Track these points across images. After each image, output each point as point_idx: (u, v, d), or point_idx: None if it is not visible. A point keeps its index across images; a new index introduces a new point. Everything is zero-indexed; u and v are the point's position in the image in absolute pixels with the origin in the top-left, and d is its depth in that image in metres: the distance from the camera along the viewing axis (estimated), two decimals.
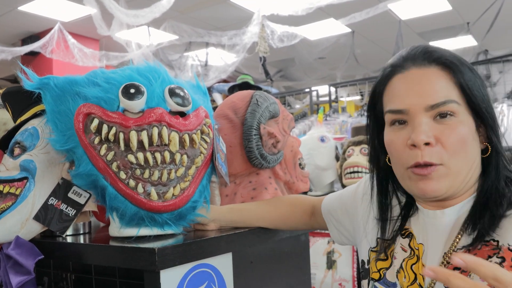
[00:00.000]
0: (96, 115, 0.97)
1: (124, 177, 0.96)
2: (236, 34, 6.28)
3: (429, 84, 0.80)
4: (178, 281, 0.92)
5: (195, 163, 1.03)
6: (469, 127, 0.80)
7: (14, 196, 1.02)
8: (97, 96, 0.98)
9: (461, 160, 0.79)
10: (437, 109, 0.79)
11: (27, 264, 0.98)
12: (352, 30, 7.33)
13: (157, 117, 0.96)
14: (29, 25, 7.01)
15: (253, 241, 1.13)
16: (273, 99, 1.30)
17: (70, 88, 1.01)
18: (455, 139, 0.79)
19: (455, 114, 0.79)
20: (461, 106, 0.80)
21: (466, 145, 0.79)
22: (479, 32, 6.78)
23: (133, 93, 0.95)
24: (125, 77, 1.00)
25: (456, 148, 0.79)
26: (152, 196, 0.96)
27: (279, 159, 1.28)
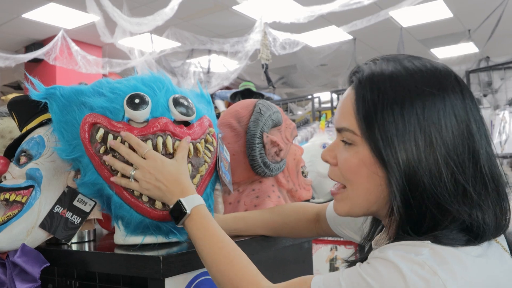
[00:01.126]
0: (101, 125, 0.98)
1: None
2: (238, 41, 6.30)
3: (340, 106, 0.79)
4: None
5: (199, 171, 1.04)
6: (361, 159, 0.74)
7: (20, 204, 1.03)
8: (103, 106, 0.99)
9: (357, 189, 0.76)
10: (339, 133, 0.78)
11: (33, 271, 0.99)
12: (353, 37, 7.35)
13: (162, 126, 0.97)
14: (33, 32, 7.05)
15: (256, 249, 1.14)
16: (276, 108, 1.31)
17: (76, 98, 1.02)
18: (345, 167, 0.77)
19: (353, 143, 0.75)
20: (358, 137, 0.74)
21: (356, 176, 0.75)
22: (480, 39, 6.79)
23: (137, 103, 0.97)
24: (130, 87, 1.01)
25: (348, 176, 0.77)
26: (157, 205, 0.97)
27: (282, 167, 1.29)
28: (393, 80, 0.72)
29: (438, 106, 0.69)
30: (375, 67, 0.75)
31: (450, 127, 0.69)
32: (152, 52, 6.66)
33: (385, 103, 0.70)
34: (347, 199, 0.79)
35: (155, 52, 6.71)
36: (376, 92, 0.71)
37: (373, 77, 0.73)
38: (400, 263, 0.63)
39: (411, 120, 0.69)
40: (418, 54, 0.81)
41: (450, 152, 0.68)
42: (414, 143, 0.68)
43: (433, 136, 0.68)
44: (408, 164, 0.68)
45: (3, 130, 1.38)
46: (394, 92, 0.70)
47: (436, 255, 0.64)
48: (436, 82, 0.71)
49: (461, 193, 0.68)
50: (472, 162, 0.69)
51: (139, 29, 5.53)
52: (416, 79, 0.71)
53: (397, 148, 0.69)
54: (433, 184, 0.67)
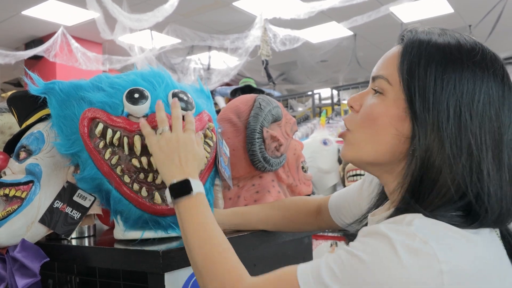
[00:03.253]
0: (100, 120, 0.98)
1: (128, 181, 0.98)
2: (239, 38, 6.30)
3: (383, 58, 0.81)
4: (182, 284, 0.93)
5: None
6: (388, 109, 0.75)
7: (20, 199, 1.03)
8: (102, 101, 0.99)
9: (366, 136, 0.78)
10: (374, 82, 0.79)
11: (33, 266, 0.99)
12: (354, 33, 7.34)
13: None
14: (33, 29, 7.04)
15: (256, 244, 1.14)
16: (276, 103, 1.31)
17: (75, 92, 1.02)
18: (365, 111, 0.78)
19: (384, 92, 0.76)
20: (392, 87, 0.75)
21: (375, 123, 0.76)
22: (481, 35, 6.77)
23: (137, 98, 0.97)
24: (129, 82, 1.01)
25: (362, 121, 0.78)
26: (156, 200, 0.97)
27: (282, 162, 1.28)
28: (442, 46, 0.74)
29: (476, 82, 0.71)
30: (429, 33, 0.77)
31: (482, 106, 0.70)
32: (152, 49, 6.66)
33: (429, 62, 0.72)
34: (356, 144, 0.79)
35: (155, 48, 6.71)
36: (423, 51, 0.73)
37: (424, 39, 0.75)
38: (391, 234, 0.63)
39: (449, 86, 0.70)
40: None
41: (474, 129, 0.69)
42: (446, 107, 0.70)
43: (463, 107, 0.70)
44: (436, 125, 0.70)
45: (3, 126, 1.38)
46: (440, 55, 0.72)
47: (428, 227, 0.64)
48: (482, 62, 0.73)
49: (474, 171, 0.69)
50: (493, 145, 0.70)
51: (139, 25, 5.53)
52: (463, 52, 0.73)
53: (430, 106, 0.70)
54: (451, 153, 0.69)
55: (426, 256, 0.60)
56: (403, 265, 0.60)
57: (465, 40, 0.76)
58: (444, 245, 0.62)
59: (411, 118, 0.72)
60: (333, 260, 0.66)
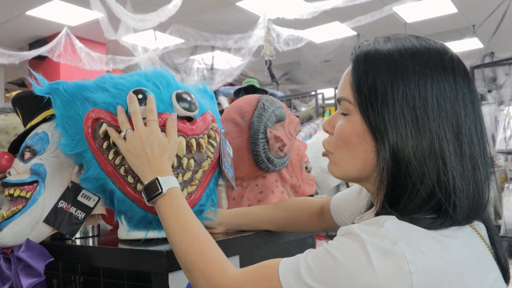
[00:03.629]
0: (104, 120, 0.99)
1: (132, 181, 0.98)
2: (242, 38, 6.29)
3: (341, 80, 0.82)
4: (186, 284, 0.93)
5: (202, 167, 1.04)
6: (354, 128, 0.77)
7: (25, 199, 1.03)
8: (106, 101, 0.99)
9: (343, 155, 0.80)
10: (339, 105, 0.81)
11: (38, 266, 0.99)
12: (357, 33, 7.33)
13: (164, 122, 0.97)
14: (37, 29, 7.06)
15: (259, 244, 1.14)
16: (279, 103, 1.31)
17: (79, 93, 1.02)
18: (336, 134, 0.81)
19: (349, 113, 0.79)
20: (354, 107, 0.77)
21: (347, 143, 0.79)
22: (485, 35, 6.76)
23: (140, 99, 0.97)
24: (133, 82, 1.01)
25: (338, 143, 0.80)
26: None
27: (285, 162, 1.29)
28: (387, 55, 0.74)
29: (426, 83, 0.71)
30: (374, 44, 0.78)
31: (437, 104, 0.71)
32: (155, 49, 6.67)
33: (376, 74, 0.73)
34: (337, 163, 0.82)
35: (158, 48, 6.72)
36: (369, 64, 0.75)
37: (369, 51, 0.77)
38: (362, 234, 0.65)
39: (399, 94, 0.71)
40: None
41: (434, 127, 0.70)
42: (401, 115, 0.71)
43: (418, 111, 0.70)
44: (395, 133, 0.71)
45: (8, 126, 1.38)
46: (386, 65, 0.73)
47: (398, 228, 0.66)
48: (428, 60, 0.73)
49: (441, 168, 0.70)
50: (454, 138, 0.71)
51: (142, 25, 5.53)
52: (406, 57, 0.73)
53: (386, 118, 0.71)
54: (415, 157, 0.70)
55: (395, 256, 0.61)
56: (372, 264, 0.61)
57: (409, 43, 0.76)
58: (413, 246, 0.63)
59: (370, 132, 0.74)
60: (311, 257, 0.68)
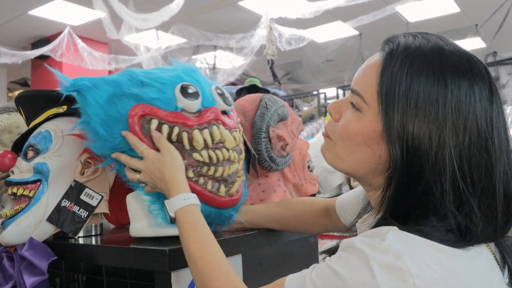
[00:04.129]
0: (154, 116, 0.95)
1: (192, 175, 0.97)
2: (244, 37, 6.30)
3: (363, 68, 0.76)
4: (189, 282, 0.93)
5: (240, 158, 1.05)
6: (363, 130, 0.72)
7: (28, 198, 1.04)
8: (152, 96, 0.95)
9: (342, 148, 0.77)
10: (351, 94, 0.76)
11: (41, 265, 0.99)
12: (359, 33, 7.32)
13: (215, 116, 0.99)
14: (39, 29, 7.07)
15: (262, 243, 1.14)
16: (282, 102, 1.31)
17: (114, 89, 0.97)
18: (342, 126, 0.76)
19: (361, 110, 0.73)
20: (369, 108, 0.71)
21: (351, 140, 0.74)
22: (487, 34, 6.75)
23: (192, 93, 0.96)
24: (175, 77, 0.99)
25: (340, 135, 0.77)
26: (221, 192, 0.99)
27: (288, 161, 1.29)
28: (426, 59, 0.67)
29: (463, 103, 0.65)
30: (413, 41, 0.71)
31: (469, 133, 0.65)
32: (158, 48, 6.68)
33: (412, 83, 0.66)
34: (333, 153, 0.79)
35: (161, 48, 6.73)
36: (405, 68, 0.67)
37: (407, 51, 0.69)
38: (365, 249, 0.62)
39: (432, 108, 0.65)
40: None
41: (462, 158, 0.64)
42: (428, 133, 0.65)
43: (447, 135, 0.64)
44: (416, 151, 0.65)
45: (11, 125, 1.39)
46: (423, 73, 0.67)
47: (401, 241, 0.63)
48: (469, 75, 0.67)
49: (458, 202, 0.65)
50: (484, 176, 0.65)
51: (145, 25, 5.54)
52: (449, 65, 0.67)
53: (409, 131, 0.65)
54: (433, 183, 0.64)
55: (399, 271, 0.59)
56: (377, 281, 0.60)
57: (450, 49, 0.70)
58: (417, 259, 0.61)
59: (387, 144, 0.68)
60: (316, 273, 0.66)
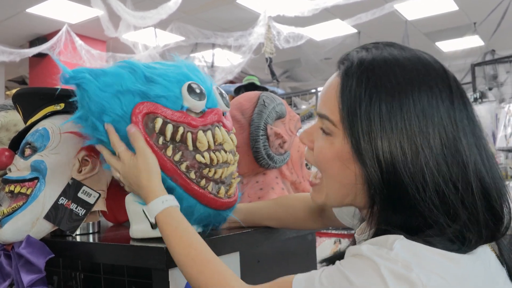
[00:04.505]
0: (159, 115, 0.92)
1: (194, 177, 0.95)
2: (242, 35, 6.29)
3: (324, 91, 0.75)
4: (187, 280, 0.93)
5: (235, 160, 1.05)
6: (336, 153, 0.71)
7: (25, 196, 1.04)
8: (158, 94, 0.93)
9: (327, 178, 0.75)
10: (320, 118, 0.74)
11: (38, 262, 0.99)
12: (358, 31, 7.32)
13: (218, 117, 0.98)
14: (37, 27, 7.05)
15: (260, 241, 1.14)
16: (279, 100, 1.31)
17: (117, 84, 0.92)
18: (317, 155, 0.75)
19: (331, 133, 0.72)
20: (338, 129, 0.71)
21: (330, 167, 0.73)
22: (486, 32, 6.75)
23: (199, 93, 0.95)
24: (181, 74, 0.96)
25: (319, 164, 0.75)
26: (221, 194, 0.98)
27: (285, 159, 1.29)
28: (382, 72, 0.66)
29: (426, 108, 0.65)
30: (366, 55, 0.70)
31: (438, 135, 0.65)
32: (156, 46, 6.66)
33: (372, 99, 0.66)
34: (322, 189, 0.78)
35: (159, 46, 6.71)
36: (363, 85, 0.67)
37: (361, 67, 0.68)
38: (375, 258, 0.62)
39: (397, 119, 0.65)
40: (423, 47, 0.78)
41: (440, 162, 0.64)
42: (399, 145, 0.64)
43: (418, 142, 0.64)
44: (391, 166, 0.64)
45: (8, 123, 1.39)
46: (382, 86, 0.66)
47: (409, 250, 0.62)
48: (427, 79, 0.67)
49: (446, 208, 0.64)
50: (461, 177, 0.65)
51: (143, 23, 5.53)
52: (406, 73, 0.66)
53: (379, 147, 0.65)
54: (416, 193, 0.64)
55: (410, 281, 0.59)
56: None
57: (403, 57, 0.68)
58: (426, 268, 0.60)
59: (359, 162, 0.68)
60: (325, 277, 0.65)
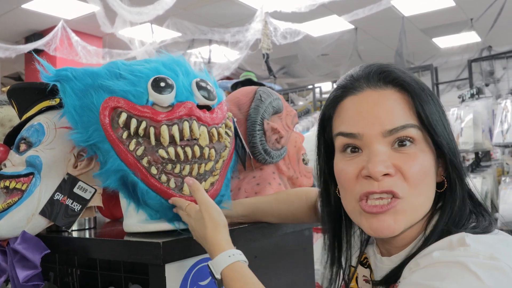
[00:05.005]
0: (124, 109, 0.94)
1: (155, 172, 0.94)
2: (239, 31, 6.27)
3: (386, 107, 0.72)
4: (183, 275, 0.93)
5: (221, 156, 1.03)
6: (429, 157, 0.73)
7: (21, 191, 1.03)
8: (124, 89, 0.94)
9: (422, 194, 0.72)
10: (395, 134, 0.71)
11: (34, 258, 0.99)
12: (355, 27, 7.32)
13: (187, 111, 0.95)
14: (33, 23, 7.02)
15: (257, 236, 1.14)
16: (276, 95, 1.30)
17: (92, 81, 0.97)
18: (417, 169, 0.71)
19: (415, 142, 0.72)
20: (420, 132, 0.72)
21: (428, 177, 0.72)
22: (482, 28, 6.75)
23: (163, 87, 0.94)
24: (152, 69, 0.97)
25: (417, 180, 0.71)
26: (185, 191, 0.95)
27: (282, 154, 1.28)
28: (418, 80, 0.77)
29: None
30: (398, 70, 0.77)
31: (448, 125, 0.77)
32: (152, 43, 6.64)
33: (431, 98, 0.75)
34: (405, 212, 0.72)
35: (155, 42, 6.69)
36: (424, 90, 0.75)
37: (410, 77, 0.76)
38: (459, 259, 0.62)
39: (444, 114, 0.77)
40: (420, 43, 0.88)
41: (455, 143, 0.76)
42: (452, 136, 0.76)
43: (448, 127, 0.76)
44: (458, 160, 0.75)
45: (3, 119, 1.38)
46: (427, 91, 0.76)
47: (479, 242, 0.65)
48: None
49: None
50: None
51: (139, 18, 5.51)
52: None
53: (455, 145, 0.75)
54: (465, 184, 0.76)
55: (501, 269, 0.60)
56: (484, 282, 0.59)
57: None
58: (504, 253, 0.63)
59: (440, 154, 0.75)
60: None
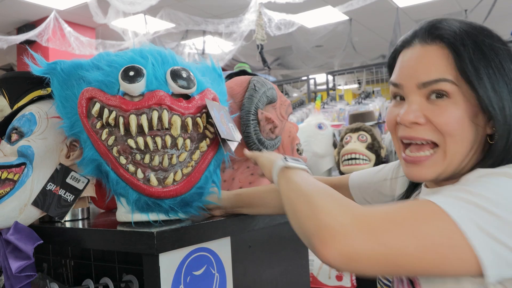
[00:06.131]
0: (97, 99, 0.97)
1: (124, 162, 0.95)
2: (233, 22, 6.24)
3: (425, 61, 0.78)
4: (177, 265, 0.92)
5: (199, 147, 1.01)
6: (464, 110, 0.75)
7: (12, 182, 1.02)
8: (99, 80, 0.98)
9: (456, 143, 0.76)
10: (429, 87, 0.76)
11: (26, 249, 0.98)
12: (349, 18, 7.30)
13: (157, 100, 0.94)
14: (24, 13, 6.95)
15: (251, 226, 1.13)
16: (270, 85, 1.29)
17: (76, 72, 1.01)
18: (444, 119, 0.76)
19: (449, 95, 0.76)
20: (458, 87, 0.75)
21: (461, 127, 0.75)
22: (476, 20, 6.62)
23: (132, 76, 0.94)
24: (127, 59, 0.99)
25: (448, 130, 0.76)
26: (152, 182, 0.94)
27: (276, 144, 1.28)
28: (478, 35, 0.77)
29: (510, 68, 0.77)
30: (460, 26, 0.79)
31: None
32: (146, 33, 6.60)
33: (484, 54, 0.75)
34: (442, 161, 0.77)
35: (149, 33, 6.65)
36: (473, 44, 0.76)
37: (461, 32, 0.77)
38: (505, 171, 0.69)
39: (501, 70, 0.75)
40: None
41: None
42: (507, 90, 0.75)
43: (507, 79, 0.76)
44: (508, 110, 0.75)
45: None
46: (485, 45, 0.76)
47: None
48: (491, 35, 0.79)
49: None
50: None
51: (132, 8, 5.46)
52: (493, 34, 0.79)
53: (504, 97, 0.75)
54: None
55: None
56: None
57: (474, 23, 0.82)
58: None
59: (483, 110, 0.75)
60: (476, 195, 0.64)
